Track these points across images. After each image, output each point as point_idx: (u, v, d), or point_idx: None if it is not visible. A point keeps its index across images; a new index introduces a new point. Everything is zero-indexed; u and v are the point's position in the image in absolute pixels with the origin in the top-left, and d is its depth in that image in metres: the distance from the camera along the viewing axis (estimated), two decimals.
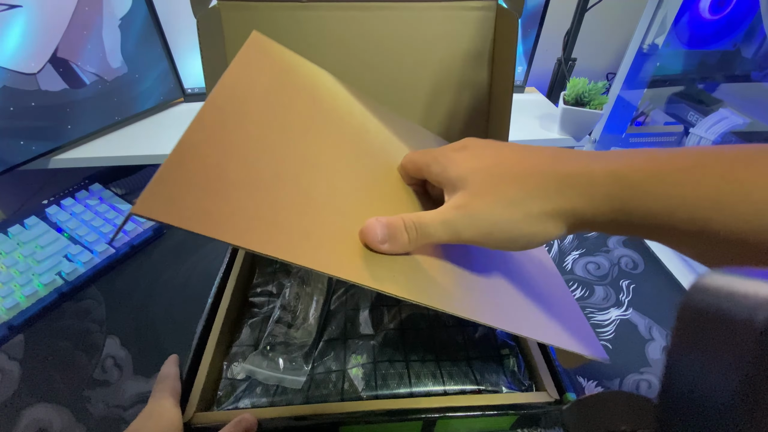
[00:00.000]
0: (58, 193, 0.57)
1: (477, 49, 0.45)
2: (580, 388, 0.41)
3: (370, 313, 0.42)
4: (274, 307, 0.43)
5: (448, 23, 0.44)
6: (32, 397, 0.39)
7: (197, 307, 0.41)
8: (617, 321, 0.47)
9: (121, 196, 0.60)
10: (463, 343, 0.40)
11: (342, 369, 0.37)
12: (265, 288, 0.46)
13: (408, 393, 0.35)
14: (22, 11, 0.47)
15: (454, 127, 0.49)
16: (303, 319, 0.42)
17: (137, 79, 0.61)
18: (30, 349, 0.43)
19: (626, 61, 0.65)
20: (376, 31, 0.44)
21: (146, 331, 0.45)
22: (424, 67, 0.46)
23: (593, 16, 0.72)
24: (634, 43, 0.63)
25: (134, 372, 0.41)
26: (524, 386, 0.36)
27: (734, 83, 0.63)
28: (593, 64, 0.91)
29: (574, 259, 0.55)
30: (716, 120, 0.54)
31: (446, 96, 0.47)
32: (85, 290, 0.49)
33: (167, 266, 0.53)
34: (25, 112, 0.50)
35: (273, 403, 0.35)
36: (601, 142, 0.73)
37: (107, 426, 0.37)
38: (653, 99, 0.72)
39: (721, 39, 0.60)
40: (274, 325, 0.41)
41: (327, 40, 0.44)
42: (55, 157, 0.56)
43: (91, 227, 0.53)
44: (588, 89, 0.60)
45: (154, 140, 0.60)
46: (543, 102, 0.75)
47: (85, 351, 0.43)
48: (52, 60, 0.51)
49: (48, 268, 0.48)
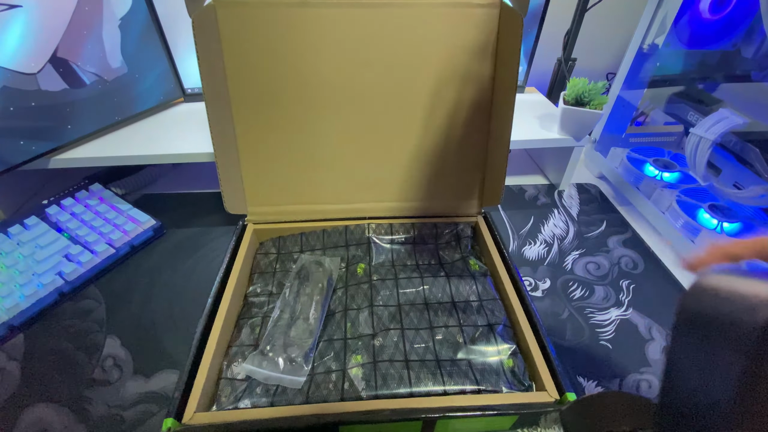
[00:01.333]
0: (58, 193, 0.57)
1: (480, 45, 0.45)
2: (580, 388, 0.41)
3: (370, 313, 0.42)
4: (274, 307, 0.43)
5: (451, 20, 0.44)
6: (32, 397, 0.39)
7: (197, 307, 0.41)
8: (617, 321, 0.47)
9: (121, 196, 0.60)
10: (463, 343, 0.40)
11: (342, 369, 0.37)
12: (265, 288, 0.46)
13: (408, 393, 0.35)
14: (22, 11, 0.47)
15: (457, 122, 0.49)
16: (303, 319, 0.42)
17: (137, 79, 0.61)
18: (30, 349, 0.43)
19: (626, 61, 0.65)
20: (377, 29, 0.44)
21: (146, 331, 0.45)
22: (426, 64, 0.46)
23: (593, 16, 0.72)
24: (634, 43, 0.63)
25: (134, 372, 0.41)
26: (524, 386, 0.36)
27: (734, 83, 0.63)
28: (593, 64, 0.91)
29: (574, 259, 0.55)
30: (716, 120, 0.54)
31: (449, 92, 0.47)
32: (85, 290, 0.49)
33: (167, 266, 0.53)
34: (25, 112, 0.50)
35: (273, 403, 0.35)
36: (601, 142, 0.73)
37: (107, 426, 0.37)
38: (653, 99, 0.71)
39: (721, 39, 0.60)
40: (274, 325, 0.41)
41: (326, 39, 0.44)
42: (55, 157, 0.56)
43: (91, 227, 0.53)
44: (588, 89, 0.60)
45: (154, 140, 0.60)
46: (543, 102, 0.75)
47: (85, 351, 0.43)
48: (52, 60, 0.51)
49: (48, 268, 0.48)
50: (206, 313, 0.39)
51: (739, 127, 0.53)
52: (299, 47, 0.44)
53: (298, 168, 0.50)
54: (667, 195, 0.60)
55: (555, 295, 0.50)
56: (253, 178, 0.50)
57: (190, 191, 0.66)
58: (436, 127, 0.49)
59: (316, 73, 0.45)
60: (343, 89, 0.46)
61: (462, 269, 0.48)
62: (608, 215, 0.64)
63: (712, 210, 0.56)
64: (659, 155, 0.68)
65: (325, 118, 0.48)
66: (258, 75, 0.45)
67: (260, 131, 0.48)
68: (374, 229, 0.51)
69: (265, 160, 0.49)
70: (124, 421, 0.37)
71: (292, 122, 0.48)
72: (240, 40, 0.43)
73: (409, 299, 0.44)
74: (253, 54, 0.44)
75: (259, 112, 0.47)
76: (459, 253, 0.50)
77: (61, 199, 0.56)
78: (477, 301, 0.44)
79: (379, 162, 0.50)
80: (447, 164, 0.51)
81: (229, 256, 0.46)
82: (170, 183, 0.68)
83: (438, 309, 0.43)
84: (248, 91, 0.46)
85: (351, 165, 0.50)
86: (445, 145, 0.50)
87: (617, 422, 0.18)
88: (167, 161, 0.60)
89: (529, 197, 0.67)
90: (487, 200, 0.53)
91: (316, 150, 0.49)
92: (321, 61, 0.45)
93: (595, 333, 0.46)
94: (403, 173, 0.51)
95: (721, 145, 0.56)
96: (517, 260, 0.55)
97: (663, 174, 0.65)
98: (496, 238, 0.49)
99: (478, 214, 0.53)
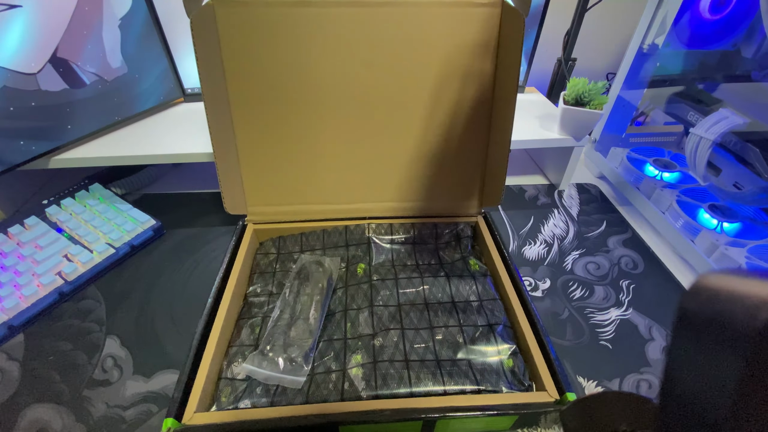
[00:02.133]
0: (58, 193, 0.57)
1: (481, 45, 0.45)
2: (580, 388, 0.41)
3: (370, 313, 0.42)
4: (274, 307, 0.43)
5: (452, 20, 0.44)
6: (32, 397, 0.39)
7: (197, 307, 0.41)
8: (617, 321, 0.47)
9: (121, 196, 0.60)
10: (463, 343, 0.40)
11: (342, 369, 0.37)
12: (265, 288, 0.46)
13: (408, 393, 0.35)
14: (22, 11, 0.47)
15: (457, 121, 0.48)
16: (303, 319, 0.42)
17: (137, 79, 0.61)
18: (30, 349, 0.43)
19: (626, 61, 0.65)
20: (377, 29, 0.44)
21: (146, 331, 0.45)
22: (426, 64, 0.46)
23: (593, 16, 0.72)
24: (634, 43, 0.63)
25: (134, 372, 0.41)
26: (524, 386, 0.36)
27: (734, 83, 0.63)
28: (593, 64, 0.91)
29: (574, 259, 0.55)
30: (716, 120, 0.54)
31: (449, 91, 0.47)
32: (85, 290, 0.49)
33: (167, 266, 0.53)
34: (25, 112, 0.50)
35: (273, 403, 0.35)
36: (601, 142, 0.73)
37: (107, 426, 0.37)
38: (653, 99, 0.71)
39: (721, 39, 0.60)
40: (274, 325, 0.41)
41: (326, 38, 0.44)
42: (55, 157, 0.56)
43: (91, 227, 0.53)
44: (588, 89, 0.60)
45: (154, 140, 0.60)
46: (543, 102, 0.75)
47: (85, 351, 0.43)
48: (52, 60, 0.51)
49: (48, 268, 0.48)
50: (206, 313, 0.39)
51: (739, 127, 0.53)
52: (299, 47, 0.44)
53: (298, 168, 0.50)
54: (667, 195, 0.60)
55: (555, 295, 0.50)
56: (253, 178, 0.50)
57: (190, 191, 0.66)
58: (437, 127, 0.49)
59: (316, 73, 0.45)
60: (343, 88, 0.46)
61: (462, 269, 0.48)
62: (608, 215, 0.64)
63: (712, 210, 0.56)
64: (659, 155, 0.68)
65: (325, 117, 0.48)
66: (257, 75, 0.45)
67: (260, 131, 0.48)
68: (374, 229, 0.51)
69: (265, 160, 0.49)
70: (124, 421, 0.37)
71: (291, 122, 0.47)
72: (239, 40, 0.43)
73: (409, 299, 0.44)
74: (252, 54, 0.44)
75: (259, 112, 0.47)
76: (459, 253, 0.50)
77: (61, 199, 0.56)
78: (477, 301, 0.44)
79: (379, 162, 0.50)
80: (447, 164, 0.51)
81: (229, 256, 0.46)
82: (170, 183, 0.68)
83: (438, 309, 0.43)
84: (248, 91, 0.45)
85: (351, 165, 0.50)
86: (446, 144, 0.50)
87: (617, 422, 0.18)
88: (167, 161, 0.60)
89: (529, 197, 0.67)
90: (487, 201, 0.53)
91: (316, 150, 0.49)
92: (321, 61, 0.45)
93: (595, 333, 0.46)
94: (403, 173, 0.51)
95: (721, 145, 0.56)
96: (517, 260, 0.55)
97: (663, 174, 0.65)
98: (496, 238, 0.49)
99: (478, 214, 0.53)
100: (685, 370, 0.12)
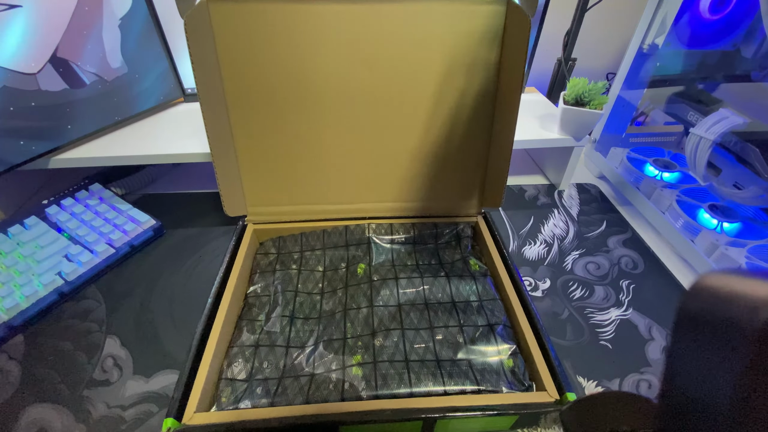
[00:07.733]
0: (58, 193, 0.57)
1: (485, 45, 0.44)
2: (580, 388, 0.41)
3: (370, 313, 0.42)
4: (275, 307, 0.43)
5: (454, 18, 0.43)
6: (32, 397, 0.39)
7: (197, 307, 0.41)
8: (617, 321, 0.47)
9: (121, 196, 0.60)
10: (463, 343, 0.40)
11: (342, 369, 0.37)
12: (265, 288, 0.46)
13: (408, 393, 0.35)
14: (22, 11, 0.47)
15: (458, 121, 0.48)
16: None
17: (137, 79, 0.61)
18: (30, 349, 0.43)
19: (626, 61, 0.65)
20: (376, 26, 0.43)
21: (146, 331, 0.45)
22: (427, 63, 0.45)
23: (593, 16, 0.72)
24: (634, 43, 0.63)
25: (134, 372, 0.41)
26: (524, 386, 0.36)
27: (734, 83, 0.63)
28: (593, 64, 0.91)
29: (574, 259, 0.55)
30: (716, 120, 0.54)
31: (451, 91, 0.47)
32: (85, 290, 0.49)
33: (167, 266, 0.53)
34: (25, 112, 0.50)
35: (273, 403, 0.35)
36: (601, 142, 0.73)
37: (107, 426, 0.37)
38: (653, 99, 0.71)
39: (721, 39, 0.60)
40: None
41: (324, 36, 0.43)
42: (55, 157, 0.56)
43: (91, 227, 0.53)
44: (588, 89, 0.60)
45: (154, 140, 0.59)
46: (543, 102, 0.75)
47: (85, 351, 0.43)
48: (52, 60, 0.51)
49: (48, 268, 0.48)
50: (206, 313, 0.39)
51: (739, 127, 0.53)
52: (297, 44, 0.44)
53: (297, 168, 0.50)
54: (667, 195, 0.60)
55: (555, 295, 0.50)
56: (252, 179, 0.50)
57: (190, 191, 0.66)
58: (437, 127, 0.49)
59: (315, 71, 0.45)
60: (342, 87, 0.46)
61: (462, 269, 0.48)
62: (608, 215, 0.64)
63: (712, 210, 0.56)
64: (659, 155, 0.68)
65: (324, 116, 0.47)
66: (255, 74, 0.44)
67: (259, 131, 0.48)
68: (374, 229, 0.51)
69: (264, 160, 0.49)
70: (124, 421, 0.37)
71: (291, 121, 0.47)
72: (235, 39, 0.43)
73: (409, 299, 0.44)
74: (248, 52, 0.43)
75: (257, 112, 0.46)
76: (459, 253, 0.50)
77: (61, 199, 0.56)
78: (477, 301, 0.44)
79: (379, 162, 0.50)
80: (447, 164, 0.51)
81: (229, 256, 0.46)
82: (170, 183, 0.68)
83: (438, 309, 0.43)
84: (245, 91, 0.45)
85: (351, 164, 0.50)
86: (446, 144, 0.50)
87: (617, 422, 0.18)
88: (167, 161, 0.60)
89: (529, 197, 0.67)
90: (488, 202, 0.53)
91: (315, 149, 0.49)
92: (319, 59, 0.45)
93: (595, 333, 0.46)
94: (403, 173, 0.51)
95: (721, 145, 0.56)
96: (517, 260, 0.55)
97: (663, 174, 0.65)
98: (496, 238, 0.49)
99: (478, 214, 0.53)
100: (685, 369, 0.12)
